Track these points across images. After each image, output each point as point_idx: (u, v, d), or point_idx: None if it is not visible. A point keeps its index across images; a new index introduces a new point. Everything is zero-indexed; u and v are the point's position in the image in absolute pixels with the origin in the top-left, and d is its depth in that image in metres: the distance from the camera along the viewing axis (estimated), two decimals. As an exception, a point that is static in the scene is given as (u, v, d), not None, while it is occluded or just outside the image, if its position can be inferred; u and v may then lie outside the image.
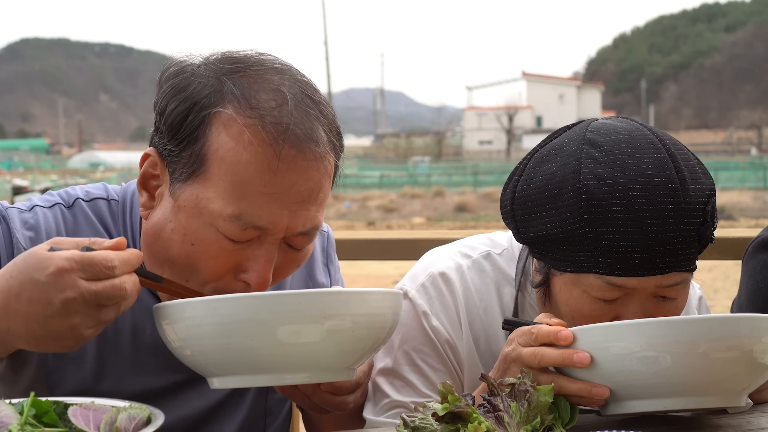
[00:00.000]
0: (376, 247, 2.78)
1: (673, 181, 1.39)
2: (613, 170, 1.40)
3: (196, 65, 1.38)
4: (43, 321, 1.15)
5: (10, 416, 1.09)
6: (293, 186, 1.33)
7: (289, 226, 1.34)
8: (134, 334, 1.46)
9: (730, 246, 2.58)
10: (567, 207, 1.41)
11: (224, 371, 1.26)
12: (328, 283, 1.70)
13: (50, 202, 1.50)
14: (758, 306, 1.78)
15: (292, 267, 1.42)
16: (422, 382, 1.61)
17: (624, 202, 1.37)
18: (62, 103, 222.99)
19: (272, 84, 1.36)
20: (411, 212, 30.42)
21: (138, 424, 1.11)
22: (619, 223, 1.37)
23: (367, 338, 1.28)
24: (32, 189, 29.73)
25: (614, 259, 1.39)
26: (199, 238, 1.33)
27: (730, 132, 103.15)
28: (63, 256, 1.15)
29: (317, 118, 1.36)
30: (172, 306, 1.24)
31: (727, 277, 12.51)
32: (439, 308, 1.62)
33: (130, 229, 1.49)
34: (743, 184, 36.16)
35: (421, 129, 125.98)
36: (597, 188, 1.39)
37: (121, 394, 1.44)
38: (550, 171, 1.46)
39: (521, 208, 1.49)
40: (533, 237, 1.48)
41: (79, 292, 1.15)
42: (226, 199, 1.32)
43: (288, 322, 1.19)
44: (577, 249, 1.42)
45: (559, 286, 1.48)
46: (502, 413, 1.20)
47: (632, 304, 1.43)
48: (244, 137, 1.31)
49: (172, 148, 1.36)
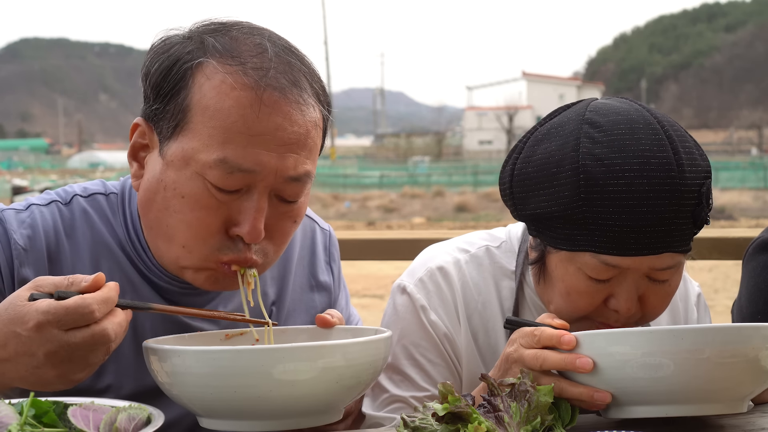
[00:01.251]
0: (376, 247, 2.79)
1: (670, 162, 1.41)
2: (611, 150, 1.41)
3: (180, 33, 1.42)
4: (32, 370, 1.18)
5: (10, 416, 1.08)
6: (278, 129, 1.33)
7: (277, 168, 1.34)
8: (133, 332, 1.46)
9: (730, 246, 2.58)
10: (565, 186, 1.43)
11: (210, 414, 1.27)
12: (330, 281, 1.70)
13: (47, 200, 1.50)
14: (758, 307, 1.78)
15: (287, 222, 1.41)
16: (421, 376, 1.62)
17: (621, 182, 1.39)
18: (62, 103, 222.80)
19: (253, 39, 1.38)
20: (411, 212, 30.41)
21: (138, 425, 1.11)
22: (616, 203, 1.39)
23: (356, 386, 1.29)
24: (32, 189, 29.70)
25: (610, 239, 1.41)
26: (188, 189, 1.34)
27: (730, 132, 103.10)
28: (40, 310, 1.16)
29: (299, 68, 1.38)
30: (160, 350, 1.26)
31: (728, 277, 12.50)
32: (437, 302, 1.64)
33: (130, 219, 1.49)
34: (743, 184, 36.17)
35: (421, 129, 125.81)
36: (595, 168, 1.41)
37: (120, 392, 1.45)
38: (548, 150, 1.48)
39: (519, 186, 1.51)
40: (531, 214, 1.50)
41: (60, 344, 1.17)
42: (211, 146, 1.32)
43: (275, 372, 1.19)
44: (573, 227, 1.44)
45: (554, 263, 1.50)
46: (502, 413, 1.20)
47: (625, 283, 1.45)
48: (226, 83, 1.33)
49: (157, 107, 1.38)
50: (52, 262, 1.44)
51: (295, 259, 1.65)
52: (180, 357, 1.22)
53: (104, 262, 1.47)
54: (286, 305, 1.62)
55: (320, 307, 1.66)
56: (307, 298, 1.66)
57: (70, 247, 1.46)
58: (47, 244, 1.44)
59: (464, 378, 1.65)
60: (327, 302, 1.68)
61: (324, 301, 1.68)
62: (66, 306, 1.16)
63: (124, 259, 1.48)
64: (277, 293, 1.62)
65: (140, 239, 1.47)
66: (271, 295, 1.61)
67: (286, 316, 1.62)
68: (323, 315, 1.46)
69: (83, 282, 1.20)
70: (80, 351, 1.18)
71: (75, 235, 1.47)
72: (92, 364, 1.21)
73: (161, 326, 1.48)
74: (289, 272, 1.64)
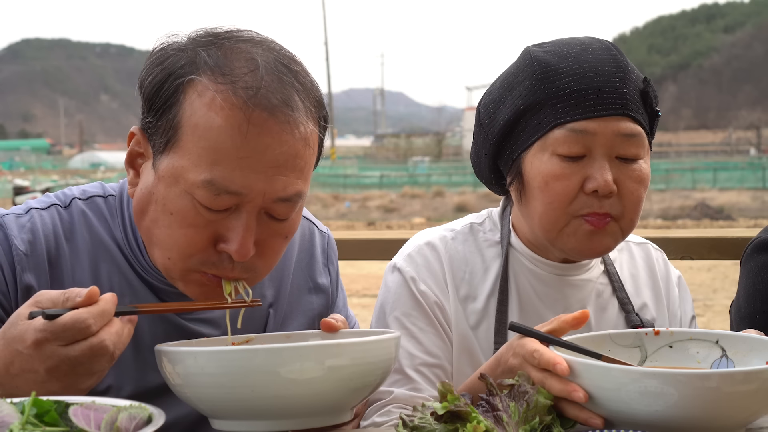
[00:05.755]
0: (376, 247, 2.78)
1: (610, 48, 1.63)
2: (556, 47, 1.64)
3: (178, 42, 1.41)
4: (39, 384, 1.20)
5: (12, 415, 1.09)
6: (267, 149, 1.32)
7: (266, 191, 1.34)
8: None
9: (729, 246, 2.59)
10: (524, 80, 1.62)
11: (223, 415, 1.28)
12: (328, 283, 1.70)
13: (46, 204, 1.50)
14: (756, 307, 1.79)
15: (277, 240, 1.41)
16: (413, 344, 1.69)
17: (570, 59, 1.60)
18: (63, 103, 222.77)
19: (247, 54, 1.37)
20: (411, 212, 30.39)
21: (138, 424, 1.12)
22: (570, 74, 1.58)
23: (367, 384, 1.29)
24: (33, 189, 29.69)
25: (572, 105, 1.57)
26: (177, 206, 1.35)
27: (729, 132, 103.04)
28: (38, 328, 1.18)
29: (292, 85, 1.36)
30: (173, 352, 1.26)
31: (726, 277, 12.49)
32: (426, 274, 1.73)
33: (129, 222, 1.50)
34: (742, 184, 36.14)
35: (421, 129, 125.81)
36: (545, 56, 1.62)
37: (120, 393, 1.45)
38: (505, 72, 1.70)
39: (486, 110, 1.70)
40: (501, 128, 1.65)
41: (60, 359, 1.19)
42: (199, 166, 1.32)
43: (288, 371, 1.20)
44: (539, 111, 1.60)
45: (529, 162, 1.63)
46: (501, 413, 1.21)
47: (597, 162, 1.57)
48: (216, 103, 1.32)
49: (150, 119, 1.38)
50: (52, 266, 1.44)
51: (293, 261, 1.65)
52: (194, 358, 1.23)
53: (103, 264, 1.47)
54: (284, 307, 1.62)
55: (318, 309, 1.66)
56: (305, 300, 1.66)
57: (69, 251, 1.46)
58: (47, 248, 1.45)
59: (454, 340, 1.71)
60: (325, 305, 1.68)
61: (322, 304, 1.68)
62: (62, 322, 1.18)
63: (123, 262, 1.48)
64: (275, 295, 1.62)
65: (138, 242, 1.48)
66: (269, 297, 1.61)
67: (283, 319, 1.62)
68: (328, 320, 1.45)
69: (78, 297, 1.21)
70: (81, 364, 1.19)
71: (74, 238, 1.47)
72: (97, 372, 1.22)
73: (160, 329, 1.48)
74: (287, 274, 1.64)
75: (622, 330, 1.55)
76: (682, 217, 24.98)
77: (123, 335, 1.23)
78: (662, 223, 23.49)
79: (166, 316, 1.49)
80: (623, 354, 1.47)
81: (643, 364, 1.48)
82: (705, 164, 46.22)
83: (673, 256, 1.99)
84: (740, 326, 1.80)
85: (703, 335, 1.49)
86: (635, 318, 1.74)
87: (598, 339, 1.47)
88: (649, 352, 1.49)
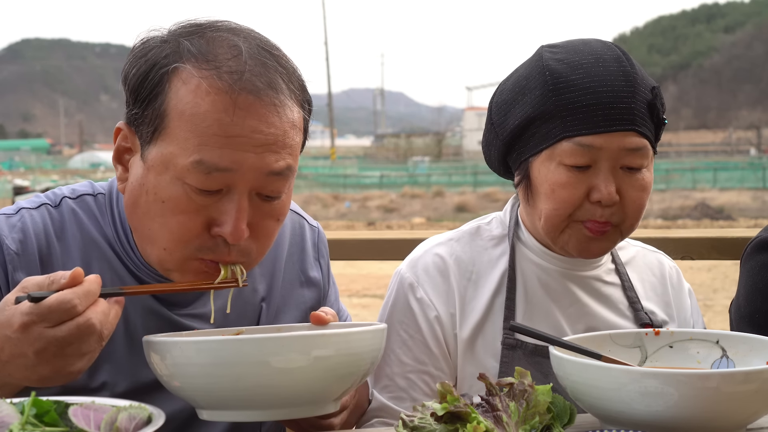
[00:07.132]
0: (376, 247, 2.78)
1: (620, 58, 1.65)
2: (568, 54, 1.66)
3: (159, 35, 1.42)
4: (31, 369, 1.21)
5: (11, 416, 1.09)
6: (254, 131, 1.34)
7: (257, 165, 1.34)
8: (125, 330, 1.47)
9: (729, 246, 2.59)
10: (535, 88, 1.65)
11: (210, 405, 1.28)
12: (319, 277, 1.70)
13: (37, 203, 1.51)
14: (756, 306, 1.79)
15: (270, 222, 1.42)
16: (404, 351, 1.72)
17: (580, 72, 1.62)
18: (63, 103, 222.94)
19: (229, 41, 1.38)
20: (411, 212, 30.39)
21: (138, 424, 1.12)
22: (580, 88, 1.61)
23: (352, 374, 1.30)
24: (33, 189, 29.67)
25: (580, 120, 1.60)
26: (168, 194, 1.35)
27: (729, 132, 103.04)
28: (24, 311, 1.19)
29: (275, 69, 1.38)
30: (160, 342, 1.27)
31: (726, 276, 12.50)
32: (426, 280, 1.75)
33: (119, 219, 1.50)
34: (742, 184, 36.15)
35: (421, 129, 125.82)
36: (557, 66, 1.64)
37: (115, 389, 1.46)
38: (517, 74, 1.73)
39: (498, 110, 1.73)
40: (511, 131, 1.69)
41: (47, 341, 1.19)
42: (187, 150, 1.33)
43: (275, 361, 1.21)
44: (548, 122, 1.63)
45: (537, 168, 1.67)
46: (501, 413, 1.21)
47: (602, 173, 1.61)
48: (202, 88, 1.33)
49: (136, 111, 1.39)
50: (44, 265, 1.45)
51: (285, 255, 1.66)
52: (180, 348, 1.24)
53: (95, 262, 1.48)
54: (276, 301, 1.63)
55: (310, 302, 1.67)
56: (297, 293, 1.66)
57: (61, 249, 1.47)
58: (38, 247, 1.45)
59: (459, 344, 1.71)
60: (317, 298, 1.69)
61: (314, 297, 1.68)
62: (48, 304, 1.18)
63: (114, 258, 1.49)
64: (267, 289, 1.62)
65: (129, 238, 1.49)
66: (261, 291, 1.61)
67: (276, 313, 1.63)
68: (317, 312, 1.46)
69: (62, 279, 1.22)
70: (70, 344, 1.19)
71: (65, 236, 1.48)
72: (87, 354, 1.22)
73: (154, 325, 1.48)
74: (279, 268, 1.64)
75: (622, 330, 1.56)
76: (683, 217, 25.00)
77: (110, 315, 1.23)
78: (662, 223, 23.50)
79: (159, 312, 1.50)
80: (623, 354, 1.47)
81: (644, 364, 1.48)
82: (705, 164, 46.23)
83: (673, 256, 1.99)
84: (740, 325, 1.81)
85: (703, 335, 1.49)
86: (644, 316, 1.75)
87: (598, 339, 1.47)
88: (649, 353, 1.50)
